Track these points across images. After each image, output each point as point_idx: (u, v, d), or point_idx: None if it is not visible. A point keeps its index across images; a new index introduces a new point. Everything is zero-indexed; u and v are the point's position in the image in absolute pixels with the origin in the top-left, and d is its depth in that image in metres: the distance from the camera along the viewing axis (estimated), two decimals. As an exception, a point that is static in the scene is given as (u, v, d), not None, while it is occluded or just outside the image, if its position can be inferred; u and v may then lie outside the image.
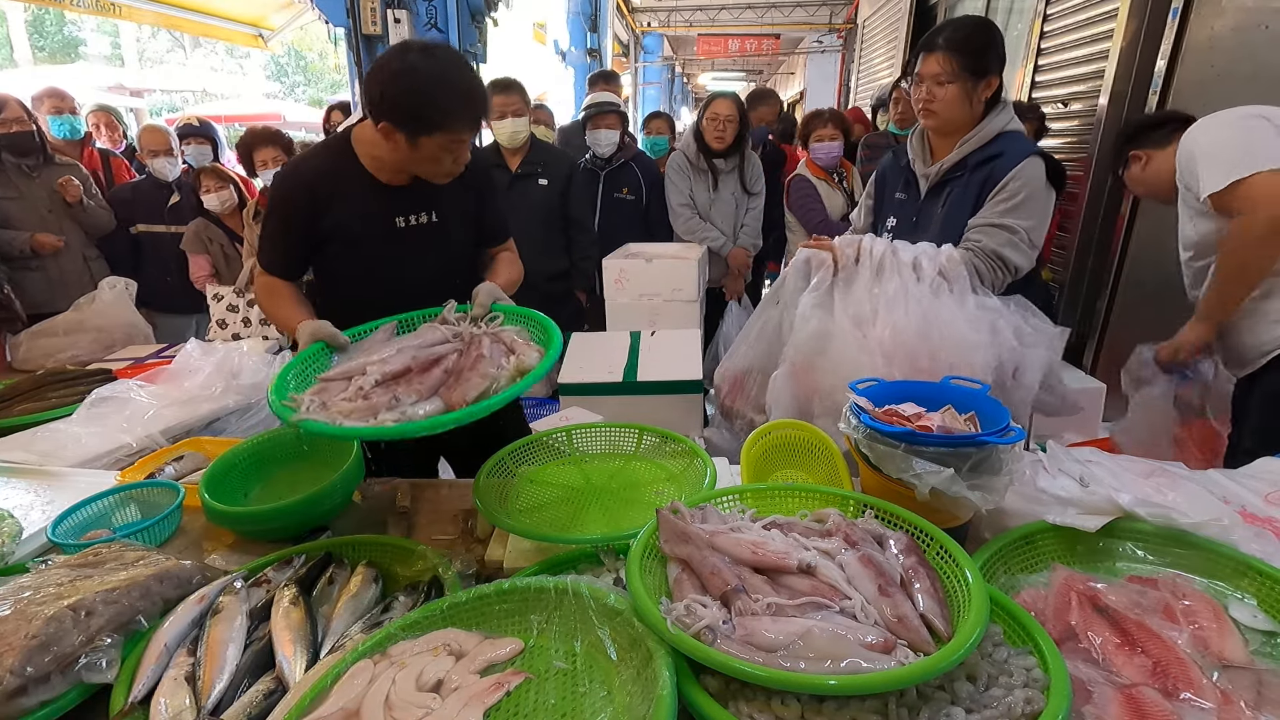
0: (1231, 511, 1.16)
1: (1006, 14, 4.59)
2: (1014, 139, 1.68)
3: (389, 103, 1.36)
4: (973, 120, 1.69)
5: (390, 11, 3.01)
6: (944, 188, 1.76)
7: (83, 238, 3.23)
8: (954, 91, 1.64)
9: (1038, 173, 1.63)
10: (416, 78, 1.34)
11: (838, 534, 0.99)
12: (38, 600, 0.92)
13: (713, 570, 0.89)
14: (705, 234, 3.31)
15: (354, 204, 1.51)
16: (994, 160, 1.66)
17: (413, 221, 1.57)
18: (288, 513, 1.25)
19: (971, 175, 1.69)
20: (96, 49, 19.57)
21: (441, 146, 1.40)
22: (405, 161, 1.45)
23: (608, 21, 8.72)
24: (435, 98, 1.35)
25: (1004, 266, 1.62)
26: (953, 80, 1.63)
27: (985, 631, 0.80)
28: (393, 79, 1.35)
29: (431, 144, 1.39)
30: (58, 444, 1.63)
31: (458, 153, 1.44)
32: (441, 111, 1.36)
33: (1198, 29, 2.71)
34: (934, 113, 1.69)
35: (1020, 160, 1.63)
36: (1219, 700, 0.78)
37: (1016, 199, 1.61)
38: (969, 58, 1.62)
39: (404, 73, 1.35)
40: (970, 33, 1.65)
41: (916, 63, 1.70)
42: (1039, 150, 1.66)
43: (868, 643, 0.78)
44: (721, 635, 0.80)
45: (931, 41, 1.67)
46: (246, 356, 1.99)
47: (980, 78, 1.64)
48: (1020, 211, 1.62)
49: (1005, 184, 1.62)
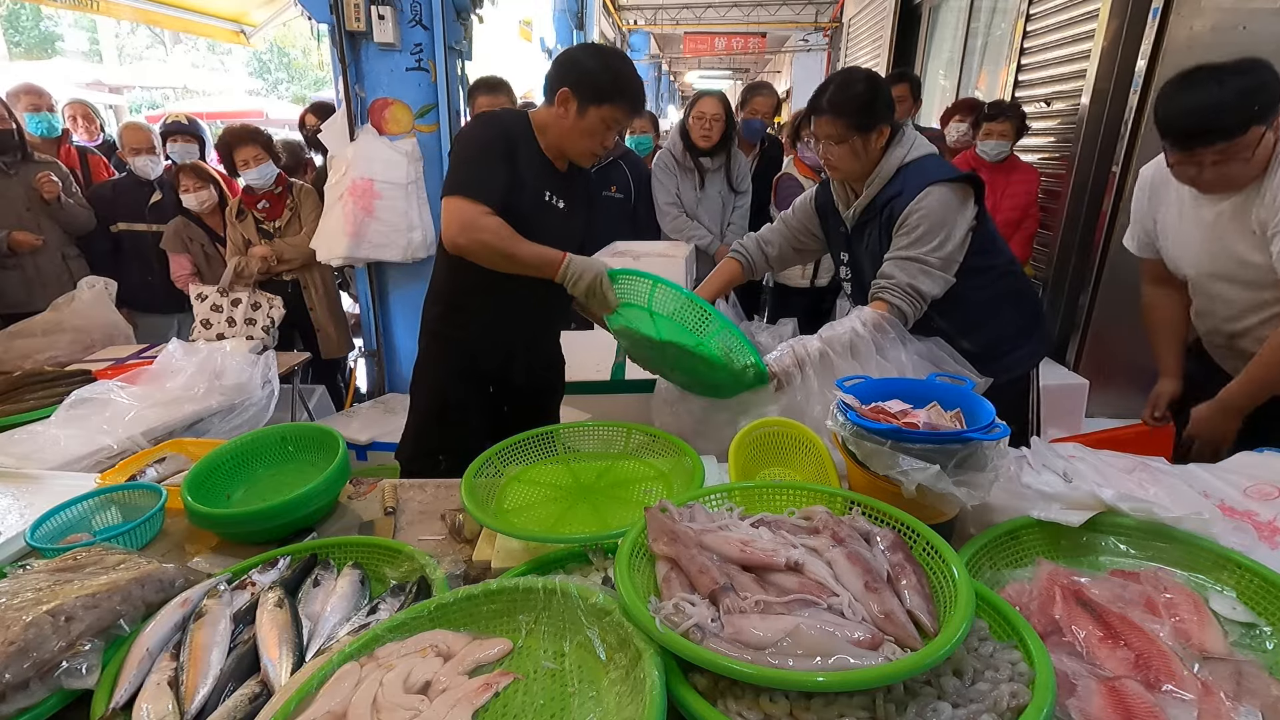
0: (1211, 505, 1.18)
1: (989, 14, 4.62)
2: (915, 171, 1.70)
3: (576, 70, 1.61)
4: (872, 165, 1.74)
5: (374, 8, 2.98)
6: (864, 229, 1.82)
7: (61, 237, 3.19)
8: (846, 150, 1.70)
9: (934, 201, 1.65)
10: (604, 57, 1.64)
11: (825, 531, 0.99)
12: (16, 606, 0.91)
13: (701, 569, 0.89)
14: (692, 232, 3.31)
15: (527, 165, 1.67)
16: (894, 199, 1.70)
17: (553, 201, 1.73)
18: (271, 514, 1.24)
19: (880, 215, 1.74)
20: (74, 45, 19.24)
21: (604, 120, 1.62)
22: (568, 132, 1.64)
23: (594, 19, 8.70)
24: (615, 73, 1.61)
25: (920, 297, 1.66)
26: (843, 140, 1.69)
27: (971, 627, 0.80)
28: (585, 54, 1.68)
29: (597, 115, 1.61)
30: (36, 446, 1.61)
31: (610, 134, 1.65)
32: (616, 86, 1.61)
33: (1177, 29, 2.75)
34: (835, 167, 1.76)
35: (915, 194, 1.66)
36: (1200, 691, 0.80)
37: (917, 231, 1.66)
38: (854, 117, 1.67)
39: (595, 53, 1.69)
40: (851, 93, 1.68)
41: (810, 122, 1.77)
42: (938, 178, 1.67)
43: (855, 639, 0.79)
44: (710, 634, 0.80)
45: (817, 105, 1.72)
46: (230, 357, 1.97)
47: (868, 132, 1.69)
48: (923, 242, 1.65)
49: (905, 219, 1.67)
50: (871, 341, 1.59)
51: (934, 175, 1.68)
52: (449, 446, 1.76)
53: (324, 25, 3.05)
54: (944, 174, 1.69)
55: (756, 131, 3.64)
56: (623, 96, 1.62)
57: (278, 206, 3.17)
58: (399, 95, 3.17)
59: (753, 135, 3.64)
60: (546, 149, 1.70)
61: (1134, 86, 2.92)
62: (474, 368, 1.85)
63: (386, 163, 3.09)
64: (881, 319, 1.62)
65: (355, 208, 3.04)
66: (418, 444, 1.92)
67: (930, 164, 1.72)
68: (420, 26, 3.09)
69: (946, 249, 1.67)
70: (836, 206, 1.89)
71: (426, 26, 3.09)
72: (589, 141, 1.65)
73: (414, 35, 3.10)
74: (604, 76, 1.60)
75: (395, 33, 3.03)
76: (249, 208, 3.13)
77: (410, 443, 1.94)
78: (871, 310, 1.65)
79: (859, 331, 1.60)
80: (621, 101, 1.62)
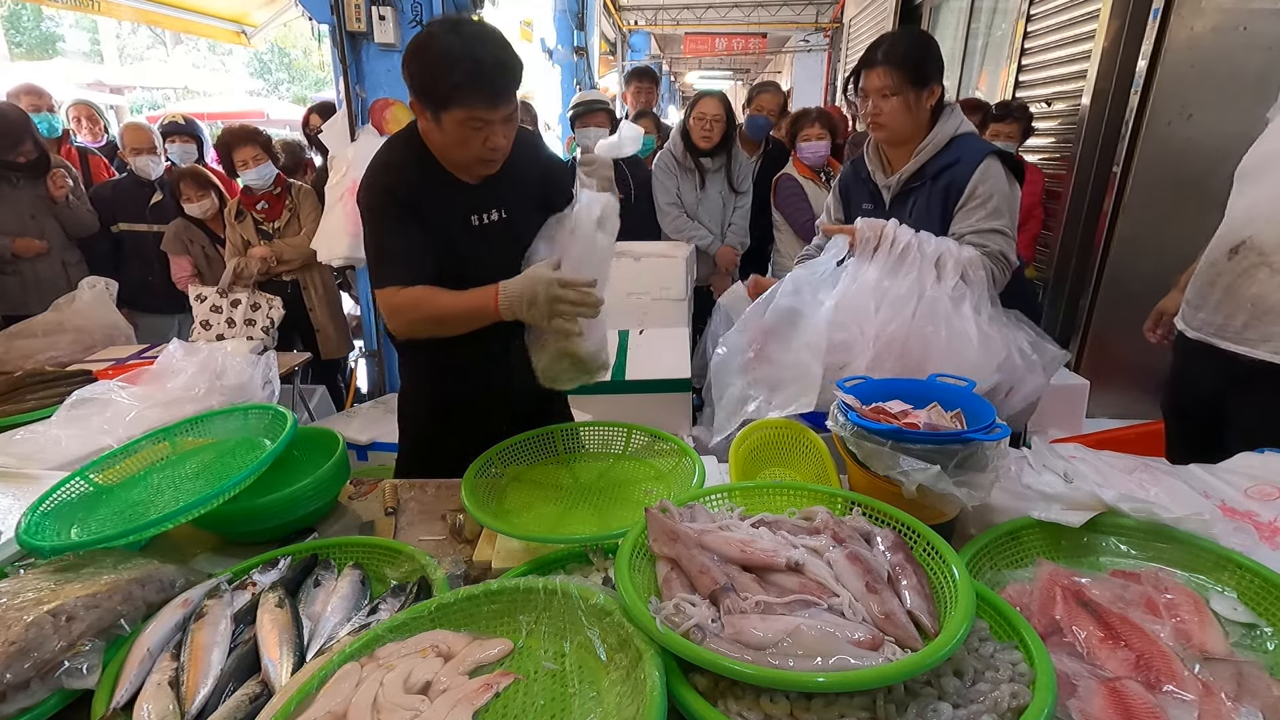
0: (1212, 506, 1.18)
1: (990, 14, 4.62)
2: (967, 142, 1.72)
3: (409, 77, 1.34)
4: (921, 128, 1.73)
5: (375, 8, 2.99)
6: (907, 198, 1.79)
7: (63, 241, 3.19)
8: (899, 104, 1.69)
9: (999, 172, 1.67)
10: (429, 51, 1.30)
11: (825, 531, 0.99)
12: (16, 606, 0.91)
13: (701, 569, 0.90)
14: (693, 233, 3.31)
15: (435, 198, 1.44)
16: (952, 167, 1.69)
17: (485, 219, 1.50)
18: (268, 511, 1.24)
19: (933, 184, 1.73)
20: (75, 45, 19.24)
21: (461, 124, 1.31)
22: (442, 147, 1.39)
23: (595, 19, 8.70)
24: (440, 67, 1.28)
25: (1009, 268, 1.68)
26: (897, 93, 1.68)
27: (972, 627, 0.80)
28: (413, 53, 1.33)
29: (451, 121, 1.31)
30: (37, 446, 1.61)
31: (487, 134, 1.33)
32: (450, 82, 1.28)
33: (1178, 29, 2.75)
34: (882, 125, 1.73)
35: (978, 163, 1.66)
36: (1200, 692, 0.80)
37: (991, 202, 1.66)
38: (909, 70, 1.67)
39: (421, 46, 1.32)
40: (907, 46, 1.69)
41: (859, 79, 1.74)
42: (993, 149, 1.69)
43: (855, 639, 0.79)
44: (710, 634, 0.80)
45: (871, 58, 1.71)
46: (230, 357, 1.97)
47: (922, 87, 1.68)
48: (999, 213, 1.66)
49: (973, 190, 1.66)
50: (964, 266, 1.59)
51: (988, 148, 1.69)
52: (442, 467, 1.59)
53: (325, 26, 3.06)
54: (994, 148, 1.70)
55: (762, 129, 3.64)
56: (463, 92, 1.28)
57: (277, 207, 3.17)
58: (400, 95, 3.17)
59: (757, 133, 3.63)
60: (445, 160, 1.44)
61: (1134, 87, 2.92)
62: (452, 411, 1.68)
63: (387, 163, 3.09)
64: (978, 258, 1.63)
65: (355, 208, 3.04)
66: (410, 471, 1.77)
67: (978, 139, 1.73)
68: (421, 27, 3.09)
69: (1011, 220, 1.68)
70: (868, 181, 1.87)
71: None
72: (466, 151, 1.36)
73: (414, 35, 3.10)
74: (432, 74, 1.29)
75: (396, 33, 3.03)
76: (248, 208, 3.13)
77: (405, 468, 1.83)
78: (973, 248, 1.64)
79: (954, 252, 1.60)
80: (465, 99, 1.28)
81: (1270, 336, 1.62)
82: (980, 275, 1.62)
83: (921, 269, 1.59)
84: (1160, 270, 2.21)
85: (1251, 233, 1.67)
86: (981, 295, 1.61)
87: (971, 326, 1.56)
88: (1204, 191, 2.20)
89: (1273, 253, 1.63)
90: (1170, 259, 2.18)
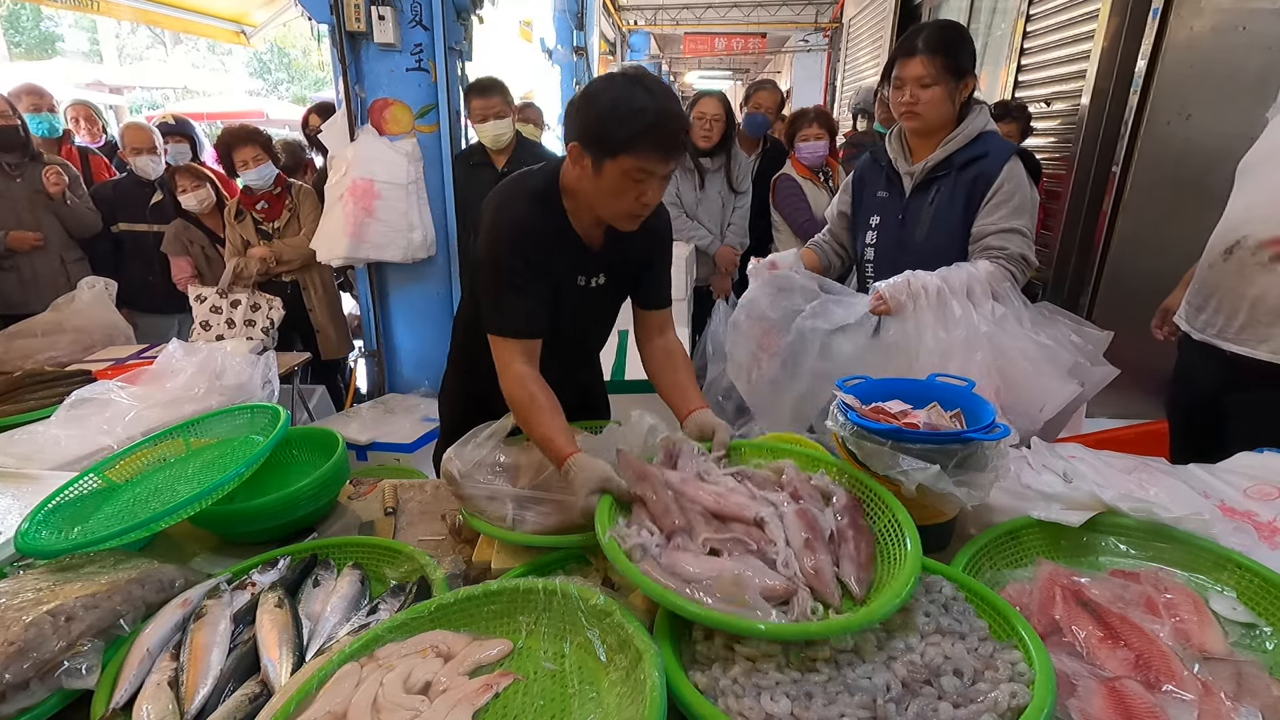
0: (1211, 506, 1.18)
1: (990, 14, 4.62)
2: (994, 139, 1.74)
3: (578, 117, 1.29)
4: (951, 120, 1.74)
5: (375, 8, 2.98)
6: (930, 186, 1.79)
7: (62, 238, 3.18)
8: (938, 93, 1.69)
9: (1022, 172, 1.70)
10: (607, 97, 1.26)
11: (788, 488, 1.09)
12: (16, 606, 0.91)
13: (665, 509, 1.02)
14: (692, 233, 3.31)
15: (559, 255, 1.41)
16: (979, 160, 1.71)
17: (589, 283, 1.48)
18: (267, 511, 1.24)
19: (959, 174, 1.73)
20: (74, 45, 19.24)
21: (626, 174, 1.26)
22: (591, 195, 1.33)
23: (594, 19, 8.69)
24: (623, 114, 1.23)
25: (1028, 269, 1.70)
26: (936, 82, 1.68)
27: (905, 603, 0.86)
28: (590, 97, 1.30)
29: (616, 170, 1.26)
30: (36, 446, 1.60)
31: (643, 189, 1.28)
32: (627, 130, 1.23)
33: (1177, 29, 2.75)
34: (918, 114, 1.73)
35: (1004, 160, 1.69)
36: (1200, 691, 0.80)
37: (1014, 200, 1.67)
38: (950, 59, 1.67)
39: (599, 90, 1.29)
40: (947, 35, 1.70)
41: (894, 68, 1.74)
42: (1018, 149, 1.72)
43: (766, 585, 0.88)
44: (650, 556, 0.92)
45: (910, 46, 1.71)
46: (230, 357, 1.97)
47: (960, 78, 1.69)
48: (1021, 212, 1.68)
49: (1000, 186, 1.68)
50: (988, 286, 1.61)
51: (1013, 147, 1.70)
52: None
53: (324, 26, 3.05)
54: (1017, 148, 1.71)
55: (760, 126, 3.64)
56: (640, 141, 1.24)
57: (276, 207, 3.17)
58: (399, 96, 3.17)
59: (755, 130, 3.63)
60: (576, 219, 1.41)
61: (1134, 86, 2.92)
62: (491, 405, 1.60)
63: (387, 163, 3.09)
64: (999, 268, 1.64)
65: (355, 208, 3.04)
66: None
67: (1000, 138, 1.75)
68: (420, 27, 3.09)
69: (1031, 220, 1.69)
70: (887, 169, 1.87)
71: (427, 27, 3.09)
72: (618, 203, 1.31)
73: (414, 36, 3.10)
74: (609, 120, 1.24)
75: (395, 33, 3.03)
76: (248, 208, 3.13)
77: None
78: (987, 262, 1.66)
79: (976, 275, 1.61)
80: (640, 149, 1.24)
81: (1269, 337, 1.62)
82: (1006, 286, 1.63)
83: (965, 310, 1.58)
84: (1160, 269, 2.21)
85: (1248, 231, 1.67)
86: (1019, 307, 1.62)
87: (1019, 345, 1.56)
88: (1204, 191, 2.20)
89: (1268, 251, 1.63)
90: (1170, 258, 2.18)
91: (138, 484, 1.36)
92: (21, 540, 1.09)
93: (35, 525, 1.14)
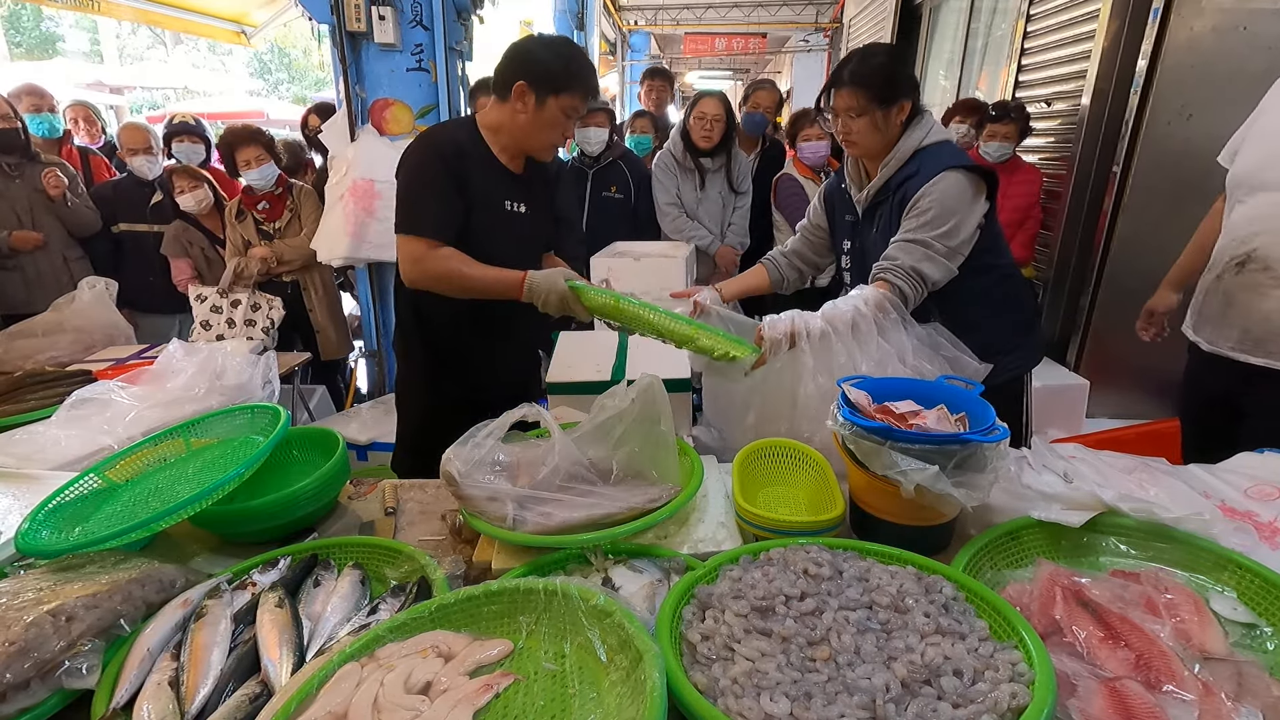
0: (1212, 506, 1.18)
1: (990, 14, 4.62)
2: (932, 155, 1.68)
3: (530, 62, 1.61)
4: (892, 143, 1.72)
5: (375, 8, 2.99)
6: (875, 210, 1.80)
7: (63, 237, 3.18)
8: (866, 123, 1.68)
9: (949, 186, 1.62)
10: (556, 46, 1.64)
11: None
12: (16, 606, 0.91)
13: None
14: (693, 233, 3.31)
15: (480, 177, 1.66)
16: (909, 180, 1.68)
17: (514, 207, 1.73)
18: (268, 511, 1.24)
19: (894, 196, 1.72)
20: (75, 45, 19.25)
21: (563, 109, 1.62)
22: (527, 127, 1.64)
23: (594, 19, 8.69)
24: (569, 61, 1.62)
25: (922, 281, 1.63)
26: (863, 112, 1.67)
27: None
28: (536, 45, 1.65)
29: (556, 106, 1.61)
30: (37, 446, 1.60)
31: (569, 124, 1.66)
32: (570, 74, 1.61)
33: (1178, 29, 2.75)
34: (854, 143, 1.73)
35: (932, 176, 1.63)
36: (1200, 692, 0.80)
37: (927, 215, 1.62)
38: (875, 89, 1.65)
39: (547, 43, 1.66)
40: (873, 65, 1.67)
41: (830, 98, 1.73)
42: (955, 164, 1.64)
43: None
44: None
45: (839, 77, 1.70)
46: (230, 357, 1.97)
47: (890, 105, 1.66)
48: (932, 226, 1.62)
49: (917, 201, 1.64)
50: (873, 321, 1.56)
51: (950, 161, 1.65)
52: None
53: (324, 26, 3.06)
54: (960, 161, 1.66)
55: (759, 125, 3.64)
56: (579, 83, 1.63)
57: (278, 207, 3.17)
58: (400, 96, 3.18)
59: (754, 129, 3.63)
60: (500, 152, 1.70)
61: (1134, 86, 2.92)
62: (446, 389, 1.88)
63: (387, 163, 3.07)
64: (884, 299, 1.59)
65: (356, 208, 3.04)
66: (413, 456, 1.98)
67: (947, 150, 1.70)
68: (421, 27, 3.09)
69: (955, 239, 1.63)
70: (847, 193, 1.87)
71: (427, 27, 3.09)
72: (550, 133, 1.66)
73: (414, 36, 3.10)
74: (557, 65, 1.60)
75: (396, 33, 3.03)
76: (249, 209, 3.13)
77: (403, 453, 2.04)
78: (874, 289, 1.61)
79: (861, 310, 1.56)
80: (578, 88, 1.63)
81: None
82: (893, 318, 1.58)
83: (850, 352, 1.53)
84: (1160, 270, 2.21)
85: (1257, 245, 1.67)
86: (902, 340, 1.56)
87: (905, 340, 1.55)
88: (1203, 191, 2.20)
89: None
90: (1170, 259, 2.19)
91: (138, 484, 1.35)
92: (22, 540, 1.09)
93: (35, 525, 1.14)
